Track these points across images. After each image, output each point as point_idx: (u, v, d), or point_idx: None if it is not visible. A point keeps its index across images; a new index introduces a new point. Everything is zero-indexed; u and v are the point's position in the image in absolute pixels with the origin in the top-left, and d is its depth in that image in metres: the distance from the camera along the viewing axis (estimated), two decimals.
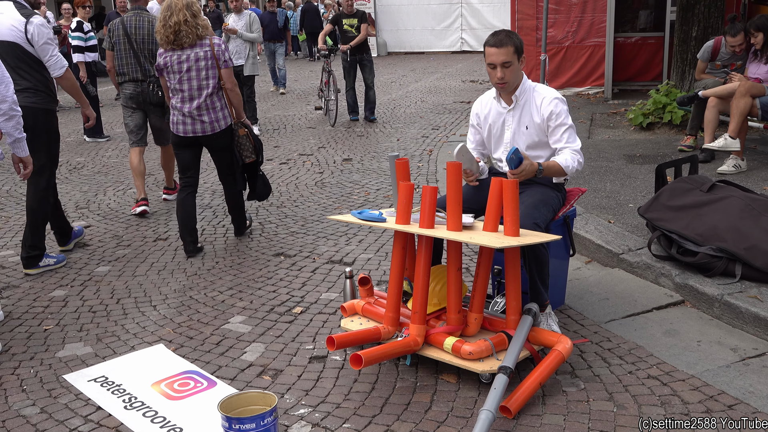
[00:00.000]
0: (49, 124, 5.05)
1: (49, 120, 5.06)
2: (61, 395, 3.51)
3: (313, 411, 3.28)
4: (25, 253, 5.12)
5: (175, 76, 5.22)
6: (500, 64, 3.73)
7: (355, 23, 10.59)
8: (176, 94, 5.28)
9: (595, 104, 10.55)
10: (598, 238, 4.94)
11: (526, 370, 3.43)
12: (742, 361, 3.54)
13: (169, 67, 5.22)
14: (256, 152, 5.54)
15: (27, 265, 5.15)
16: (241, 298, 4.60)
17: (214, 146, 5.44)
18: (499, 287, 4.07)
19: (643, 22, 11.75)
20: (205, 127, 5.28)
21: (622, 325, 3.99)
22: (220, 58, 5.23)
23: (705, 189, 4.48)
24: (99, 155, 9.29)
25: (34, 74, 4.95)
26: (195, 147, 5.45)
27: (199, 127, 5.28)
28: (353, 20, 10.62)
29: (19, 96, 4.47)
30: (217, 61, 5.22)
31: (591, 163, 7.02)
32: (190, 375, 3.65)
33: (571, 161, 3.72)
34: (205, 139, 5.36)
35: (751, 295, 3.91)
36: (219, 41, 5.27)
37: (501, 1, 20.81)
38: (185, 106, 5.24)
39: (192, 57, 5.18)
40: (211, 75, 5.22)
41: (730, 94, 6.53)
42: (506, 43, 3.72)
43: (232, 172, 5.57)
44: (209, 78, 5.21)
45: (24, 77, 4.89)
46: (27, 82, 4.90)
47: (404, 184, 3.48)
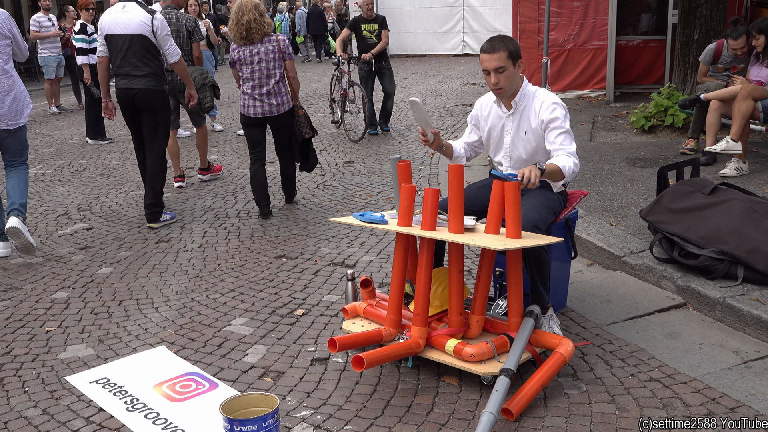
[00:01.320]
0: (165, 102, 6.21)
1: (165, 99, 6.22)
2: (63, 397, 3.51)
3: (314, 413, 3.28)
4: (149, 211, 6.21)
5: (248, 67, 6.11)
6: (493, 69, 3.71)
7: (375, 29, 9.73)
8: (248, 82, 6.17)
9: (597, 107, 10.55)
10: (600, 240, 4.94)
11: (527, 372, 3.43)
12: (744, 363, 3.54)
13: (243, 60, 6.11)
14: (312, 129, 6.46)
15: (151, 219, 6.21)
16: (243, 300, 4.60)
17: (278, 125, 6.33)
18: (501, 289, 4.08)
19: (645, 25, 11.75)
20: (272, 108, 6.20)
21: (623, 327, 3.99)
22: (285, 52, 6.20)
23: (707, 192, 4.48)
24: (101, 157, 9.30)
25: (154, 61, 6.02)
26: (262, 126, 6.35)
27: (267, 109, 6.19)
28: (373, 26, 9.76)
29: (143, 80, 5.92)
30: (282, 54, 6.16)
31: (593, 165, 7.03)
32: (191, 377, 3.65)
33: (568, 162, 3.66)
34: (271, 119, 6.27)
35: (753, 298, 3.91)
36: (284, 37, 6.29)
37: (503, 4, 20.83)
38: (255, 91, 6.15)
39: (262, 50, 6.08)
40: (277, 66, 6.15)
41: (732, 97, 6.53)
42: (499, 49, 3.70)
43: (290, 147, 6.50)
44: (276, 68, 6.14)
45: (147, 64, 5.97)
46: (149, 68, 5.98)
47: (406, 186, 3.48)
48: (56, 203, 7.11)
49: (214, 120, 10.95)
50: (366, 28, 9.76)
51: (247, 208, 6.65)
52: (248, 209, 6.60)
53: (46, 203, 7.12)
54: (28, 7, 21.73)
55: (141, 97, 5.98)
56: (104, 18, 6.05)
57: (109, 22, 5.99)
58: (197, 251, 5.56)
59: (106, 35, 6.01)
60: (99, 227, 6.28)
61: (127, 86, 5.99)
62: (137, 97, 5.99)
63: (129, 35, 5.91)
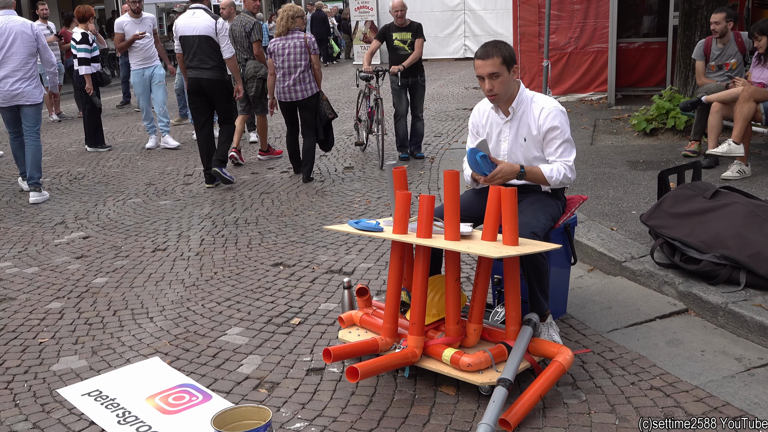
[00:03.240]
0: (229, 89, 7.67)
1: (229, 86, 7.67)
2: (54, 410, 3.45)
3: (309, 425, 3.22)
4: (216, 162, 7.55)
5: (279, 58, 7.47)
6: (487, 75, 3.67)
7: (408, 38, 8.53)
8: (279, 71, 7.54)
9: (598, 110, 10.50)
10: (600, 245, 4.88)
11: (526, 381, 3.37)
12: (747, 371, 3.47)
13: (276, 51, 7.49)
14: (333, 112, 7.78)
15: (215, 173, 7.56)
16: (239, 309, 4.54)
17: (304, 107, 7.65)
18: (499, 297, 4.01)
19: (645, 27, 11.70)
20: (297, 94, 7.56)
21: (624, 334, 3.92)
22: (311, 47, 7.52)
23: (708, 195, 4.41)
24: (100, 165, 9.26)
25: (216, 57, 7.41)
26: (293, 109, 7.74)
27: (293, 95, 7.56)
28: (405, 34, 8.56)
29: (209, 71, 7.40)
30: (308, 49, 7.49)
31: (594, 169, 6.97)
32: (185, 388, 3.59)
33: (557, 173, 3.62)
34: (299, 102, 7.61)
35: (756, 304, 3.85)
36: (311, 35, 7.64)
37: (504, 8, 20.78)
38: (285, 79, 7.52)
39: (290, 44, 7.46)
40: (303, 58, 7.48)
41: (733, 99, 6.47)
42: (492, 54, 3.66)
43: (313, 127, 7.74)
44: (302, 60, 7.48)
45: (212, 59, 7.39)
46: (213, 62, 7.41)
47: (401, 193, 3.43)
48: (53, 211, 7.07)
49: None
50: (398, 37, 8.59)
51: (245, 215, 6.60)
52: (246, 217, 6.55)
53: (43, 212, 7.08)
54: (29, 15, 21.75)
55: (207, 84, 7.43)
56: (178, 23, 7.51)
57: (183, 26, 7.44)
58: (194, 259, 5.51)
59: (180, 36, 7.45)
60: (96, 236, 6.23)
61: (197, 76, 7.44)
62: (203, 84, 7.44)
63: (198, 36, 7.35)
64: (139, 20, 9.83)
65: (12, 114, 7.56)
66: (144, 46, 9.86)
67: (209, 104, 7.62)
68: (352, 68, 21.58)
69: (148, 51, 9.91)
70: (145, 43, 9.85)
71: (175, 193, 7.58)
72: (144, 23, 9.88)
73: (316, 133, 7.79)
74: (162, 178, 8.34)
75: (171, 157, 9.54)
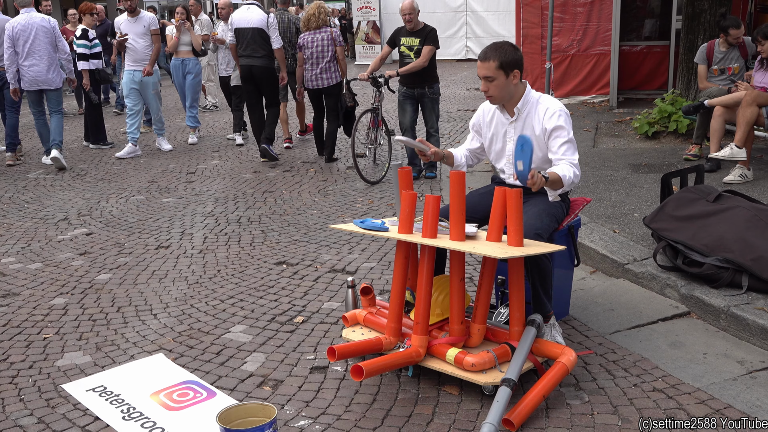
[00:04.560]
0: (276, 76, 8.79)
1: (276, 74, 8.79)
2: (59, 405, 3.47)
3: (313, 423, 3.24)
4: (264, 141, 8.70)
5: (308, 50, 8.36)
6: (483, 77, 3.70)
7: (416, 44, 7.48)
8: (307, 62, 8.43)
9: (601, 113, 10.52)
10: (603, 248, 4.90)
11: (529, 382, 3.38)
12: (749, 374, 3.49)
13: (305, 45, 8.37)
14: (354, 100, 8.34)
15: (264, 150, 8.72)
16: (243, 307, 4.56)
17: (328, 94, 8.47)
18: (502, 297, 4.03)
19: (648, 30, 11.71)
20: (322, 82, 8.42)
21: (627, 336, 3.94)
22: (336, 41, 8.39)
23: (711, 199, 4.43)
24: (103, 162, 9.28)
25: (267, 47, 8.51)
26: (319, 95, 8.61)
27: (320, 82, 8.43)
28: (413, 40, 7.50)
29: (259, 59, 8.52)
30: (334, 42, 8.35)
31: (596, 172, 6.98)
32: (189, 385, 3.61)
33: (569, 172, 3.61)
34: (324, 90, 8.47)
35: (758, 307, 3.86)
36: (336, 30, 8.54)
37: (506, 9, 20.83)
38: (313, 69, 8.39)
39: (317, 38, 8.33)
40: (329, 50, 8.34)
41: (736, 103, 6.49)
42: (490, 58, 3.66)
43: (336, 112, 8.50)
44: (327, 52, 8.34)
45: (264, 48, 8.49)
46: (264, 51, 8.51)
47: (407, 193, 3.45)
48: (56, 208, 7.09)
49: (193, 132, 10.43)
50: (405, 42, 7.57)
51: (248, 213, 6.62)
52: (249, 215, 6.57)
53: (46, 208, 7.10)
54: None
55: (257, 71, 8.56)
56: (234, 16, 8.67)
57: (239, 19, 8.58)
58: (197, 257, 5.52)
59: (236, 28, 8.57)
60: (99, 232, 6.25)
61: (248, 63, 8.54)
62: (254, 71, 8.56)
63: (251, 28, 8.47)
64: (134, 19, 9.44)
65: (36, 96, 8.90)
66: (134, 47, 9.42)
67: (258, 90, 8.74)
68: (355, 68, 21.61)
69: (140, 53, 9.46)
70: (136, 45, 9.41)
71: (178, 191, 7.60)
72: (139, 23, 9.44)
73: (338, 118, 8.53)
74: (164, 175, 8.36)
75: (173, 155, 9.56)
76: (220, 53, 10.40)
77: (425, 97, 7.61)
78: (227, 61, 10.15)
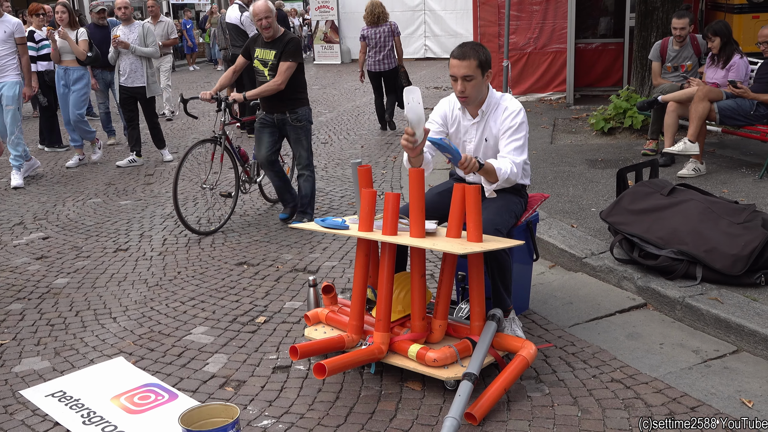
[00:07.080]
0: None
1: None
2: (17, 411, 3.42)
3: (276, 422, 3.24)
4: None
5: (372, 41, 10.21)
6: (461, 77, 3.63)
7: (271, 59, 5.82)
8: (371, 50, 10.24)
9: (558, 110, 10.65)
10: (561, 242, 4.96)
11: (490, 376, 3.42)
12: (704, 362, 3.57)
13: (369, 36, 10.23)
14: (409, 81, 10.38)
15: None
16: (204, 308, 4.53)
17: (387, 76, 10.39)
18: (463, 293, 4.07)
19: (603, 28, 11.89)
20: (383, 66, 10.30)
21: (585, 329, 4.00)
22: (395, 32, 10.25)
23: (665, 193, 4.53)
24: (58, 165, 9.13)
25: None
26: (379, 78, 10.44)
27: (380, 66, 10.30)
28: (268, 53, 5.85)
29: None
30: (393, 33, 10.24)
31: (554, 168, 7.07)
32: (150, 388, 3.58)
33: (506, 167, 3.58)
34: (383, 73, 10.34)
35: (712, 297, 3.95)
36: (395, 23, 10.45)
37: (464, 8, 20.93)
38: (376, 55, 10.23)
39: (380, 31, 10.19)
40: (389, 40, 10.22)
41: (688, 99, 6.62)
42: (469, 56, 3.62)
43: (394, 91, 10.45)
44: (388, 41, 10.22)
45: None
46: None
47: (366, 191, 3.46)
48: (11, 212, 6.96)
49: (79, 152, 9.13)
50: (259, 55, 5.93)
51: (207, 214, 6.56)
52: (209, 216, 6.51)
53: (0, 212, 6.96)
54: None
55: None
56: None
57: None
58: (157, 259, 5.47)
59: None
60: (56, 236, 6.15)
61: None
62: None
63: None
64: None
65: None
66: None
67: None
68: (313, 68, 21.56)
69: None
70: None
71: (136, 193, 7.51)
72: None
73: (397, 94, 10.43)
74: (122, 178, 8.25)
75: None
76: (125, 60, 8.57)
77: (286, 124, 5.93)
78: (134, 69, 8.57)
